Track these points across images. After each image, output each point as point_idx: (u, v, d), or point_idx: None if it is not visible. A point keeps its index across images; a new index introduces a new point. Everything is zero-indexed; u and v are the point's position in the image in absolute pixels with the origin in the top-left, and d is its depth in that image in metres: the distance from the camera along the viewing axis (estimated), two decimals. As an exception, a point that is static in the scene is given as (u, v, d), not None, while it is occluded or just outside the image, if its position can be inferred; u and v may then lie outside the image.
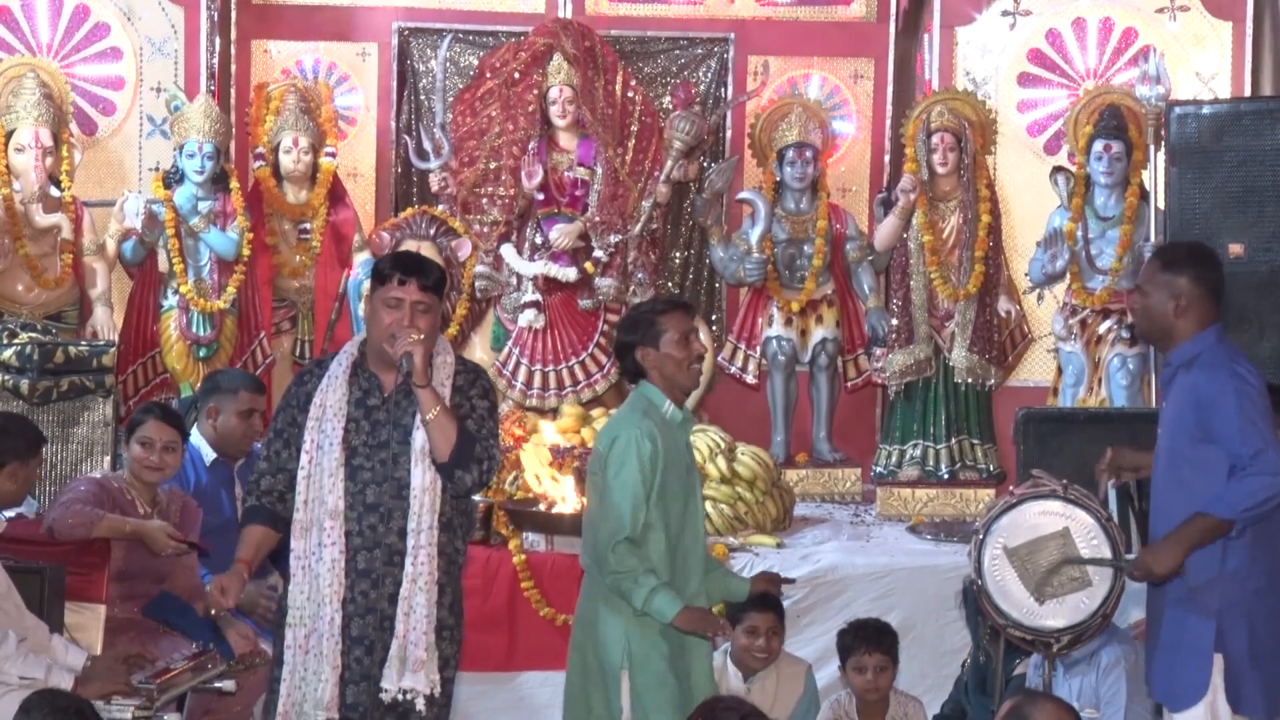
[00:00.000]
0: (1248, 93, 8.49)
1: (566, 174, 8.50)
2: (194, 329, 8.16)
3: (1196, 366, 5.02)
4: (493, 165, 8.48)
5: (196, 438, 6.51)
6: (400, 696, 4.87)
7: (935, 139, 8.21)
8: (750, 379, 8.69)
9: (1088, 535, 5.14)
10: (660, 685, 5.19)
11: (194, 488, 6.36)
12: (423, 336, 4.87)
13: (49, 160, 8.02)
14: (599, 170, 8.45)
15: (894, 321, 8.32)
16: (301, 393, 5.02)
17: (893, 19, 9.04)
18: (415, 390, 4.87)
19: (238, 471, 6.50)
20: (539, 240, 8.50)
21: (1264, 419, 4.97)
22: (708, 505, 7.18)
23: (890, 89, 8.99)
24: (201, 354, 8.15)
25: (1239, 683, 4.99)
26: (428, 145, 8.48)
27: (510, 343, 8.46)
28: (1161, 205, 7.64)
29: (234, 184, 8.21)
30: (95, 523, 5.75)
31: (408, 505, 4.89)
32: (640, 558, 5.13)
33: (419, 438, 4.89)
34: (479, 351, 8.53)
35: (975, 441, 8.30)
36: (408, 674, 4.86)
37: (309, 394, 4.99)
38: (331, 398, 4.94)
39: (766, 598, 6.10)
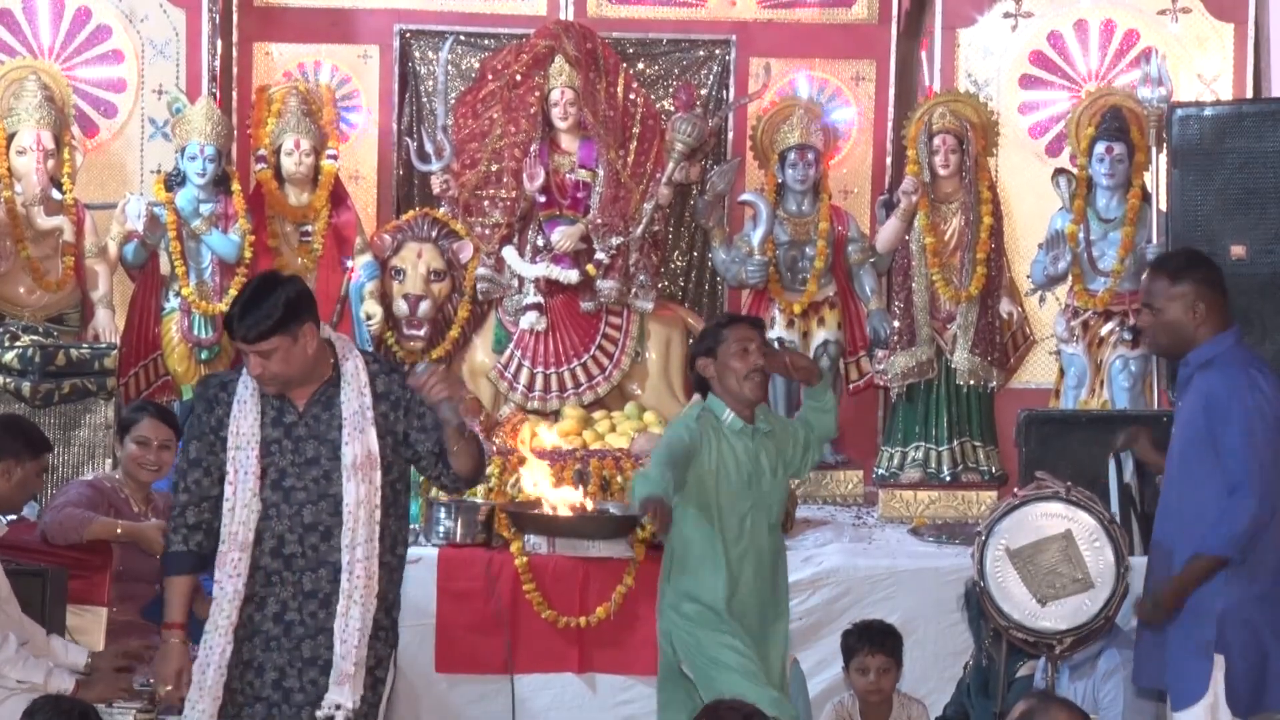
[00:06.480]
0: (1250, 94, 8.48)
1: (568, 176, 8.49)
2: (196, 331, 8.16)
3: (1214, 367, 4.97)
4: (494, 167, 8.47)
5: None
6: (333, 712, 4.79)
7: (937, 141, 8.20)
8: (752, 381, 8.67)
9: (1090, 537, 5.14)
10: (716, 659, 5.36)
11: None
12: (442, 371, 4.78)
13: (50, 163, 8.01)
14: (601, 172, 8.44)
15: (896, 323, 8.31)
16: (212, 419, 4.89)
17: (894, 21, 9.01)
18: (448, 430, 4.79)
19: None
20: (540, 242, 8.49)
21: (1268, 433, 4.93)
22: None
23: (892, 91, 8.98)
24: (203, 356, 8.15)
25: (1236, 683, 4.99)
26: (429, 147, 8.47)
27: (512, 345, 8.45)
28: (1163, 207, 7.64)
29: (235, 186, 8.20)
30: (86, 525, 5.73)
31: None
32: (657, 472, 5.21)
33: (348, 452, 4.81)
34: (480, 354, 8.52)
35: (977, 443, 8.29)
36: (333, 687, 4.80)
37: (220, 420, 4.87)
38: (245, 424, 4.83)
39: None
